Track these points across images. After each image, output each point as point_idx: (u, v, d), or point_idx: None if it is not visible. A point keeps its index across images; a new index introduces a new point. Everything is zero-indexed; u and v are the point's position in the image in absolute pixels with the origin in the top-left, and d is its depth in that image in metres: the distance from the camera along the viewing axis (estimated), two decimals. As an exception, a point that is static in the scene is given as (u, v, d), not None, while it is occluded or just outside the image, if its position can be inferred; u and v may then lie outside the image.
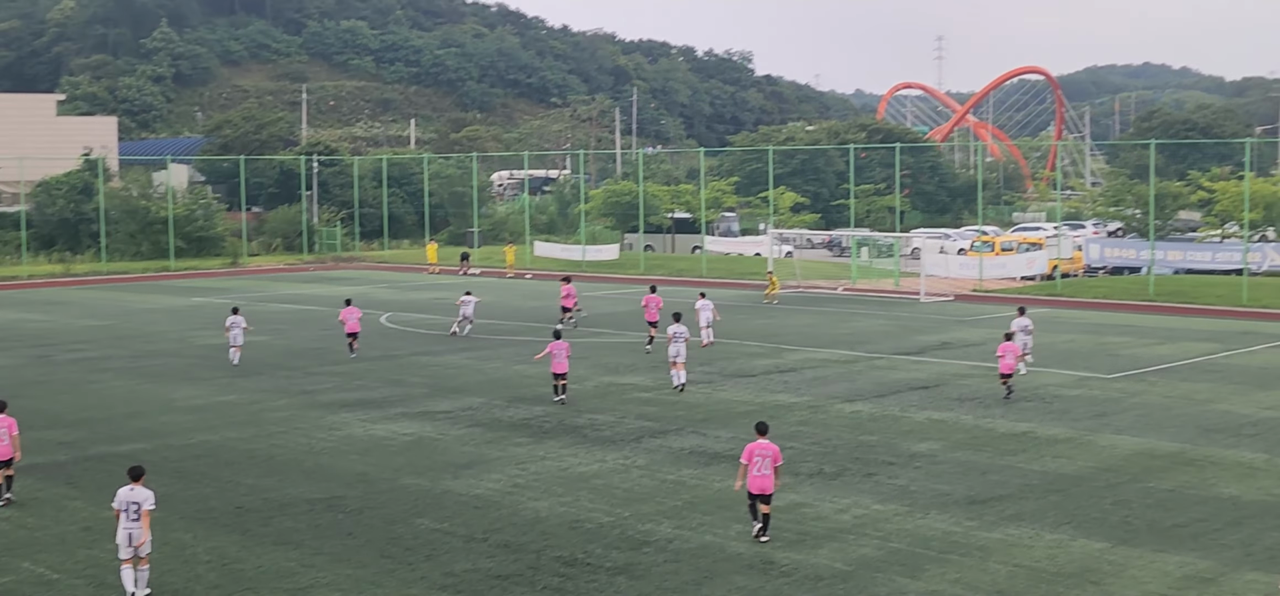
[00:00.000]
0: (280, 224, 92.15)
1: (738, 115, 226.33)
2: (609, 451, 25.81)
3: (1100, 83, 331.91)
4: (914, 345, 41.61)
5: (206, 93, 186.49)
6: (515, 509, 21.46)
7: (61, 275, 75.05)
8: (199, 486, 23.25)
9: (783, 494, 21.94)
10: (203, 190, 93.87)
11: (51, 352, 42.08)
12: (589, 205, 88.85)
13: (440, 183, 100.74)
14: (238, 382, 35.11)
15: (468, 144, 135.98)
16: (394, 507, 21.64)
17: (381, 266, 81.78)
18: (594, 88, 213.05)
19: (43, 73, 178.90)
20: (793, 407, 30.49)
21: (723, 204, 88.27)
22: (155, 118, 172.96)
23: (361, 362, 38.69)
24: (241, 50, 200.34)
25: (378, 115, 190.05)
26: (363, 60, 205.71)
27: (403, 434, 27.82)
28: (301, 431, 28.20)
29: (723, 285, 63.04)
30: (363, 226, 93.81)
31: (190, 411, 30.85)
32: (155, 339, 45.30)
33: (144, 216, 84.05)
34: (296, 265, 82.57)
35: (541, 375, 35.31)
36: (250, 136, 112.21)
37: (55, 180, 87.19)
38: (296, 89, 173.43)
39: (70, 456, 25.89)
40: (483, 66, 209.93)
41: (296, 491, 22.79)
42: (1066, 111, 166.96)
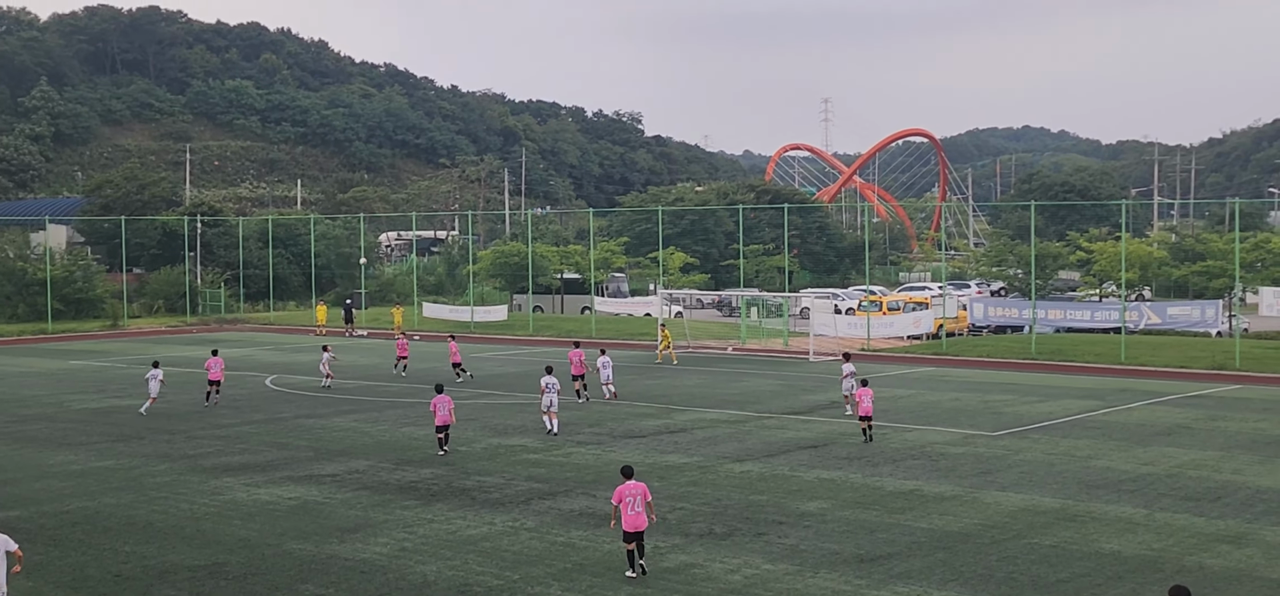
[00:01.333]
0: (163, 285, 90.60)
1: (627, 176, 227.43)
2: (497, 513, 25.58)
3: (982, 145, 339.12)
4: (804, 404, 41.89)
5: (87, 152, 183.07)
6: (402, 573, 21.15)
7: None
8: (76, 554, 22.61)
9: (674, 555, 21.92)
10: (82, 251, 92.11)
11: (-79, 418, 40.81)
12: (478, 266, 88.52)
13: (327, 244, 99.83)
14: (117, 447, 34.30)
15: (355, 205, 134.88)
16: (278, 574, 21.21)
17: (267, 328, 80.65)
18: (483, 148, 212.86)
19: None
20: (683, 468, 30.48)
21: (612, 264, 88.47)
22: (33, 177, 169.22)
23: (245, 425, 38.03)
24: (123, 109, 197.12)
25: (263, 175, 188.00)
26: (248, 120, 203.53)
27: (287, 498, 27.33)
28: (183, 496, 27.59)
29: (613, 345, 63.01)
30: (248, 287, 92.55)
31: (67, 477, 30.05)
32: (30, 403, 44.16)
33: (21, 278, 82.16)
34: (180, 327, 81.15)
35: (428, 438, 34.98)
36: (132, 196, 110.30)
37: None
38: (180, 149, 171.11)
39: (-61, 525, 25.05)
40: (370, 126, 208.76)
41: (177, 558, 22.25)
42: (950, 173, 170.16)
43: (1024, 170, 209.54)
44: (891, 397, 43.41)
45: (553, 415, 35.72)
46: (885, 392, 44.81)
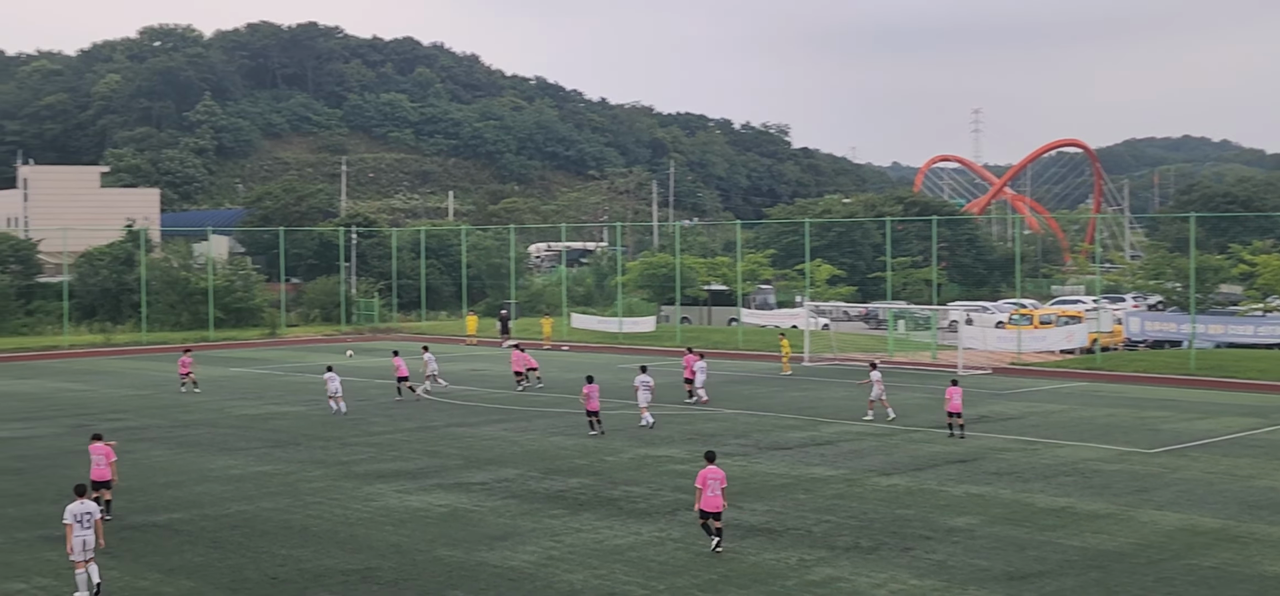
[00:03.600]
0: (319, 295, 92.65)
1: (774, 188, 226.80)
2: (644, 524, 25.70)
3: (1139, 155, 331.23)
4: (952, 418, 41.30)
5: (248, 165, 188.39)
6: (549, 582, 21.36)
7: (102, 345, 75.60)
8: (234, 556, 23.26)
9: (819, 568, 21.87)
10: (242, 261, 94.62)
11: (91, 422, 42.29)
12: (626, 277, 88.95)
13: (478, 254, 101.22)
14: (274, 453, 35.21)
15: (505, 216, 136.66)
16: (428, 580, 21.58)
17: (419, 337, 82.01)
18: (631, 160, 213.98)
19: (88, 145, 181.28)
20: (829, 480, 30.31)
21: (759, 276, 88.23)
22: (197, 189, 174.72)
23: (398, 433, 38.77)
24: (283, 123, 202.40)
25: (416, 187, 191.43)
26: (402, 132, 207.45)
27: (438, 505, 27.79)
28: (337, 502, 28.22)
29: (759, 357, 62.92)
30: (400, 297, 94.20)
31: (226, 481, 30.93)
32: (193, 409, 45.51)
33: (184, 287, 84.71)
34: (334, 336, 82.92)
35: (578, 447, 35.32)
36: (290, 208, 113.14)
37: (98, 251, 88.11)
38: (336, 161, 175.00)
39: (107, 526, 25.93)
40: (521, 139, 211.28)
41: (331, 562, 22.76)
42: (1105, 184, 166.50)
43: (1183, 181, 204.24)
44: (1043, 413, 42.64)
45: (646, 411, 39.21)
46: (1037, 407, 44.05)
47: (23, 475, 32.06)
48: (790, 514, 26.54)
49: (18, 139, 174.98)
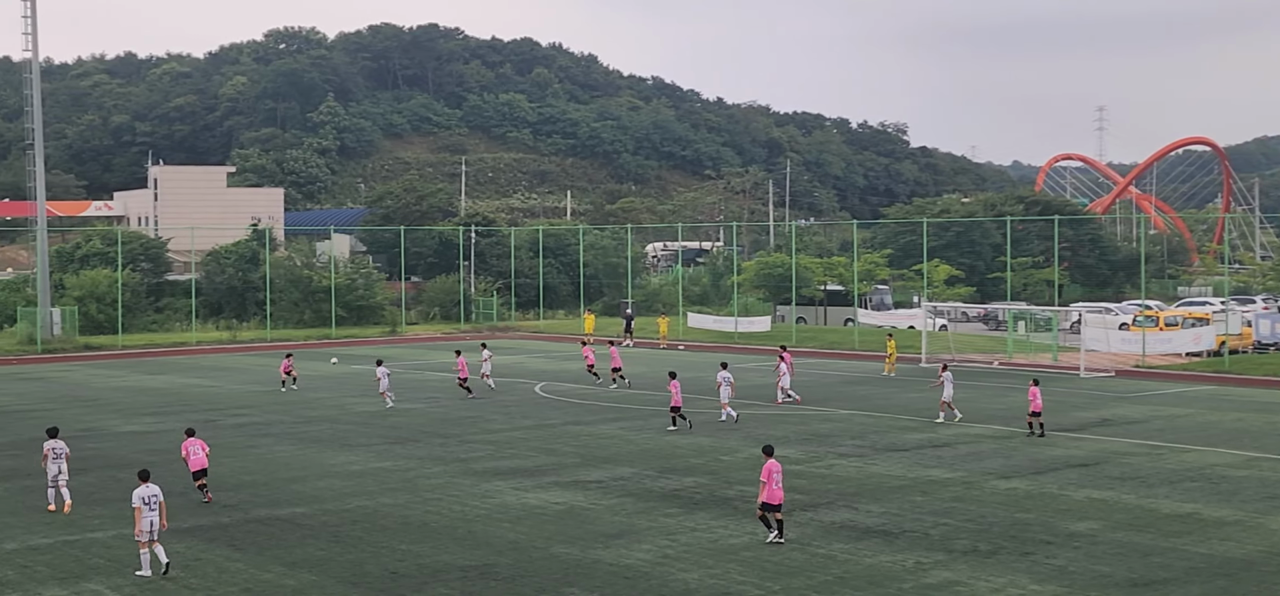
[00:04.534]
0: (438, 293, 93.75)
1: (892, 187, 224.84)
2: (759, 524, 25.64)
3: (1270, 154, 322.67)
4: (1073, 421, 40.69)
5: (369, 165, 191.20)
6: (664, 580, 21.42)
7: (228, 342, 77.26)
8: (355, 551, 23.66)
9: (937, 571, 21.71)
10: (364, 260, 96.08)
11: (217, 417, 43.28)
12: (742, 277, 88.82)
13: (595, 253, 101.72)
14: (394, 449, 35.73)
15: (622, 215, 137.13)
16: (545, 577, 21.76)
17: (536, 336, 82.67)
18: (748, 160, 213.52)
19: (215, 146, 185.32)
20: (946, 483, 30.01)
21: (876, 276, 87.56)
22: (320, 189, 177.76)
23: (515, 431, 39.13)
24: (404, 123, 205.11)
25: (534, 187, 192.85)
26: (521, 132, 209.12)
27: (554, 503, 28.00)
28: (455, 498, 28.56)
29: (876, 358, 62.44)
30: (519, 296, 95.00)
31: (347, 477, 31.44)
32: (315, 406, 46.33)
33: (307, 285, 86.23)
34: (453, 334, 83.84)
35: (692, 446, 35.38)
36: (411, 207, 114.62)
37: (224, 249, 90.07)
38: (456, 161, 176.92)
39: (233, 519, 26.54)
40: (638, 139, 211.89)
41: (450, 558, 23.04)
42: (1234, 183, 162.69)
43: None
44: (1168, 417, 41.81)
45: (727, 406, 40.39)
46: (1161, 411, 43.22)
47: (152, 469, 32.78)
48: (907, 516, 26.33)
49: (148, 140, 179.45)
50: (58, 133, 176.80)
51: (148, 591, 20.98)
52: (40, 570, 22.28)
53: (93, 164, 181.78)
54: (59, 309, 77.21)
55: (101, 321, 78.49)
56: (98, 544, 24.27)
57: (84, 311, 78.41)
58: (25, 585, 21.28)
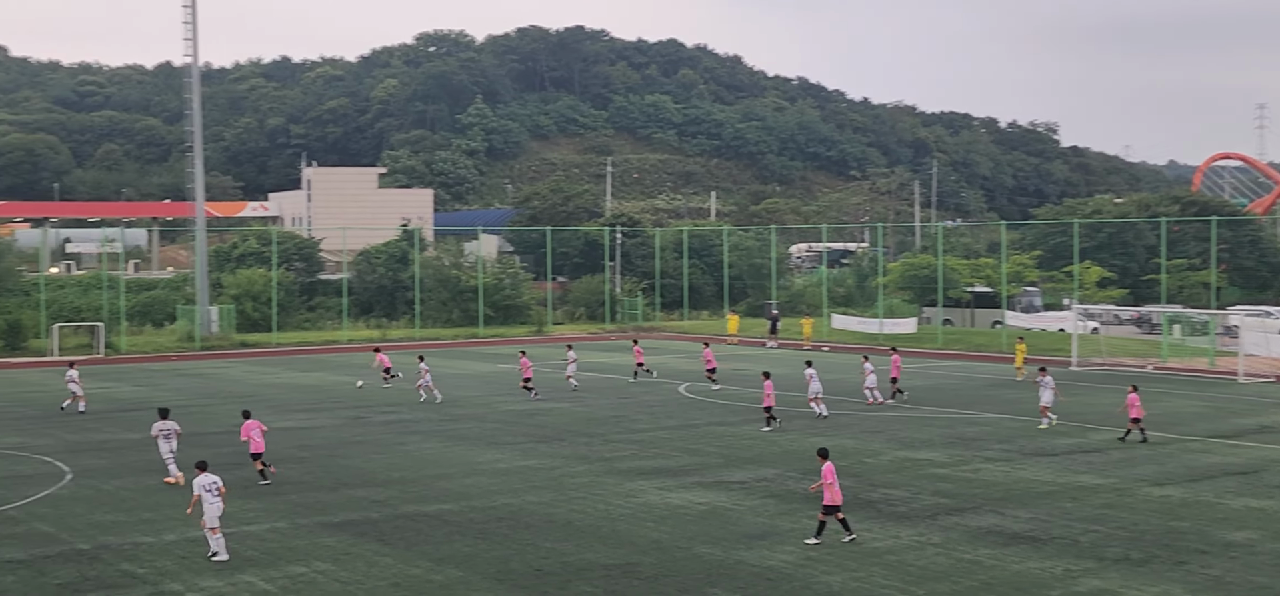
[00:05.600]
0: (584, 293, 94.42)
1: (1041, 187, 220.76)
2: (903, 527, 25.43)
3: None
4: (1230, 428, 39.59)
5: (516, 166, 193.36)
6: (807, 582, 21.35)
7: (378, 340, 78.68)
8: (500, 548, 23.96)
9: (1087, 579, 21.36)
10: (511, 260, 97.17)
11: (367, 414, 44.16)
12: (887, 278, 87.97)
13: (739, 254, 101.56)
14: (539, 448, 36.09)
15: (767, 216, 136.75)
16: (688, 576, 21.82)
17: (681, 336, 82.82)
18: (893, 160, 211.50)
19: (366, 147, 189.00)
20: (1097, 489, 29.40)
21: (1024, 278, 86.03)
22: (468, 190, 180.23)
23: (659, 431, 39.27)
24: (550, 125, 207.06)
25: (679, 187, 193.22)
26: (666, 134, 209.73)
27: (698, 503, 28.05)
28: (599, 497, 28.76)
29: (1027, 361, 61.35)
30: (663, 296, 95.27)
31: (494, 474, 31.85)
32: (463, 403, 46.98)
33: (455, 285, 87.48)
34: (599, 334, 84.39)
35: (835, 448, 35.12)
36: (557, 208, 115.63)
37: (375, 249, 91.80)
38: (602, 162, 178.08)
39: (382, 514, 27.06)
40: (783, 139, 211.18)
41: (594, 556, 23.23)
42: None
43: None
44: (1332, 424, 40.45)
45: (819, 401, 41.59)
46: (1325, 419, 41.84)
47: (304, 463, 33.66)
48: (1056, 522, 25.86)
49: (302, 142, 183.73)
50: (216, 135, 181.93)
51: (301, 585, 21.50)
52: (197, 561, 22.96)
53: (249, 165, 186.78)
54: (216, 307, 79.46)
55: (256, 319, 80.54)
56: (252, 536, 24.93)
57: (240, 309, 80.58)
58: (183, 575, 21.95)
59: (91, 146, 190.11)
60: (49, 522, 26.33)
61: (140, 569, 22.39)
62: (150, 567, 22.47)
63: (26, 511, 27.56)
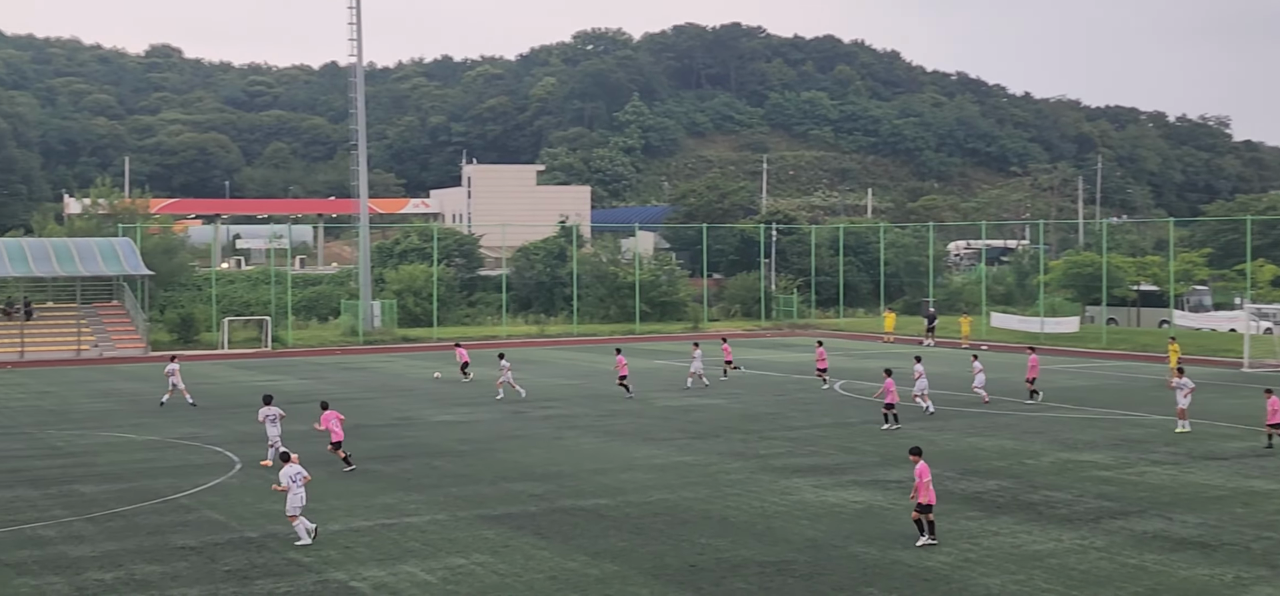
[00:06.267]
0: (739, 290, 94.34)
1: (1212, 183, 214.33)
2: (1065, 530, 24.94)
3: None
4: None
5: (673, 163, 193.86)
6: (965, 584, 21.06)
7: (536, 335, 79.62)
8: (656, 543, 24.08)
9: (1259, 587, 20.79)
10: (667, 257, 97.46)
11: (525, 408, 44.69)
12: (1048, 276, 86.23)
13: (896, 252, 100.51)
14: (695, 444, 36.16)
15: (924, 213, 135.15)
16: (843, 575, 21.69)
17: (836, 333, 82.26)
18: (1056, 155, 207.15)
19: (525, 145, 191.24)
20: (1270, 494, 28.48)
21: (1193, 277, 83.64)
22: (625, 187, 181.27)
23: (814, 429, 39.08)
24: (706, 121, 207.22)
25: (835, 184, 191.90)
26: (822, 130, 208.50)
27: (853, 502, 27.86)
28: (754, 494, 28.73)
29: (1193, 362, 59.71)
30: (819, 294, 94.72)
31: (650, 470, 32.00)
32: (619, 399, 47.26)
33: (612, 281, 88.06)
34: (754, 331, 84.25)
35: (996, 448, 34.63)
36: (713, 205, 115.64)
37: (533, 246, 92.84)
38: (757, 159, 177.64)
39: (540, 508, 27.38)
40: (941, 135, 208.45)
41: (748, 553, 23.21)
42: None
43: None
44: None
45: (925, 397, 42.18)
46: None
47: (464, 457, 34.19)
48: (1226, 528, 25.12)
49: (463, 139, 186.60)
50: (379, 133, 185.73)
51: (460, 577, 21.85)
52: (361, 550, 23.49)
53: (411, 163, 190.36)
54: (379, 302, 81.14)
55: (418, 314, 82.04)
56: (413, 528, 25.41)
57: (402, 304, 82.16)
58: (347, 565, 22.47)
59: (260, 145, 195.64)
60: (219, 511, 27.17)
61: (306, 558, 22.98)
62: (315, 556, 23.05)
63: (198, 499, 28.48)
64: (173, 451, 35.42)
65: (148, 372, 59.88)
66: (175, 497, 28.56)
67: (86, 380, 55.83)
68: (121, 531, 25.20)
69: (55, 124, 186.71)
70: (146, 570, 22.16)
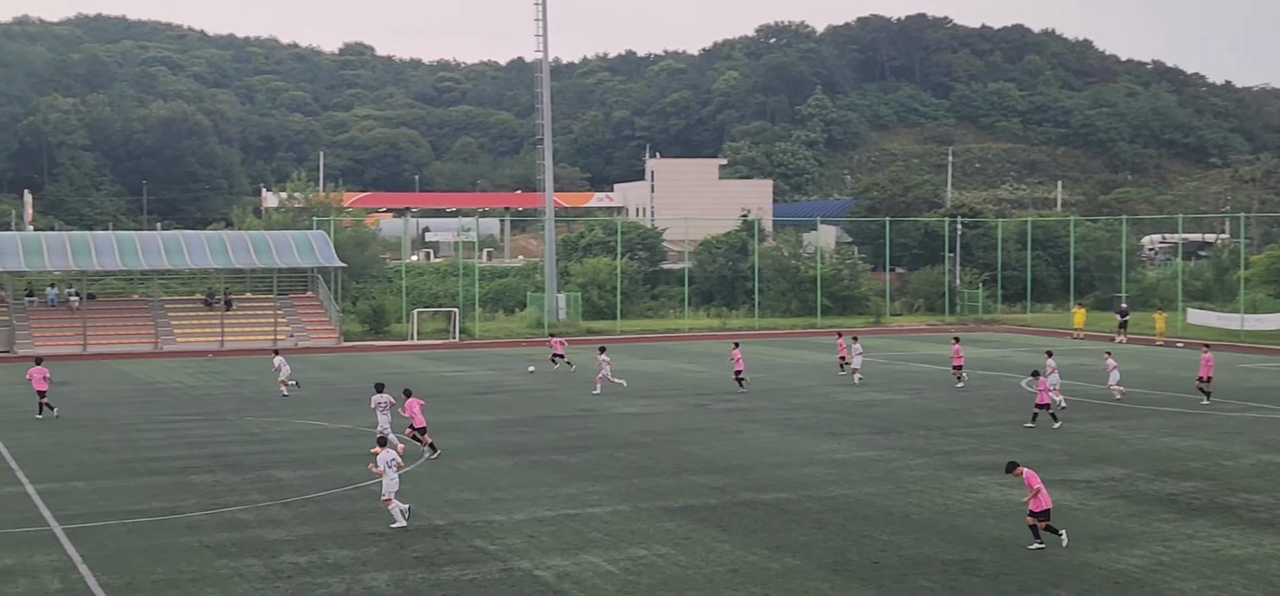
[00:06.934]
0: (923, 285, 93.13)
1: None
2: (1266, 534, 24.06)
3: None
4: None
5: (855, 156, 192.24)
6: (1159, 589, 20.47)
7: (718, 329, 79.68)
8: (837, 538, 23.92)
9: None
10: (849, 251, 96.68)
11: (707, 401, 44.79)
12: (1250, 272, 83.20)
13: (1087, 246, 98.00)
14: (876, 439, 35.82)
15: (1117, 206, 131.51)
16: (1030, 576, 21.26)
17: (1022, 329, 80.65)
18: (1258, 146, 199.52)
19: (707, 139, 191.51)
20: None
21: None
22: (807, 181, 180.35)
23: (1000, 425, 38.38)
24: (890, 114, 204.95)
25: (1023, 177, 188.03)
26: (1010, 122, 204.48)
27: (1041, 501, 27.25)
28: (938, 491, 28.34)
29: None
30: (1005, 289, 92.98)
31: (831, 465, 31.80)
32: (800, 393, 47.07)
33: (794, 275, 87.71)
34: (937, 326, 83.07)
35: (1192, 449, 33.60)
36: (896, 198, 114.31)
37: (716, 239, 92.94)
38: (942, 151, 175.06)
39: (721, 501, 27.41)
40: (1135, 126, 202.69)
41: (932, 551, 22.90)
42: None
43: None
44: None
45: (1056, 391, 40.47)
46: None
47: (646, 449, 34.41)
48: None
49: (646, 134, 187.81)
50: (564, 128, 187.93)
51: (642, 567, 22.00)
52: (545, 540, 23.81)
53: (595, 157, 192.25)
54: (564, 294, 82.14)
55: (601, 307, 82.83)
56: (597, 518, 25.66)
57: (586, 297, 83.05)
58: (531, 554, 22.80)
59: (449, 140, 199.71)
60: (408, 499, 27.81)
61: (491, 546, 23.39)
62: (500, 545, 23.44)
63: (388, 486, 29.19)
64: (364, 439, 36.35)
65: (341, 362, 61.65)
66: (366, 484, 29.31)
67: (282, 369, 57.64)
68: (315, 516, 25.98)
69: (254, 120, 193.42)
70: (339, 554, 22.80)
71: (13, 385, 50.71)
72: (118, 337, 69.56)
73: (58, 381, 48.32)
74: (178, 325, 71.72)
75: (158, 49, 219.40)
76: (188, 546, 23.53)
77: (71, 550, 23.26)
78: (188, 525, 25.32)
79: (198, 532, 24.59)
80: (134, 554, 22.97)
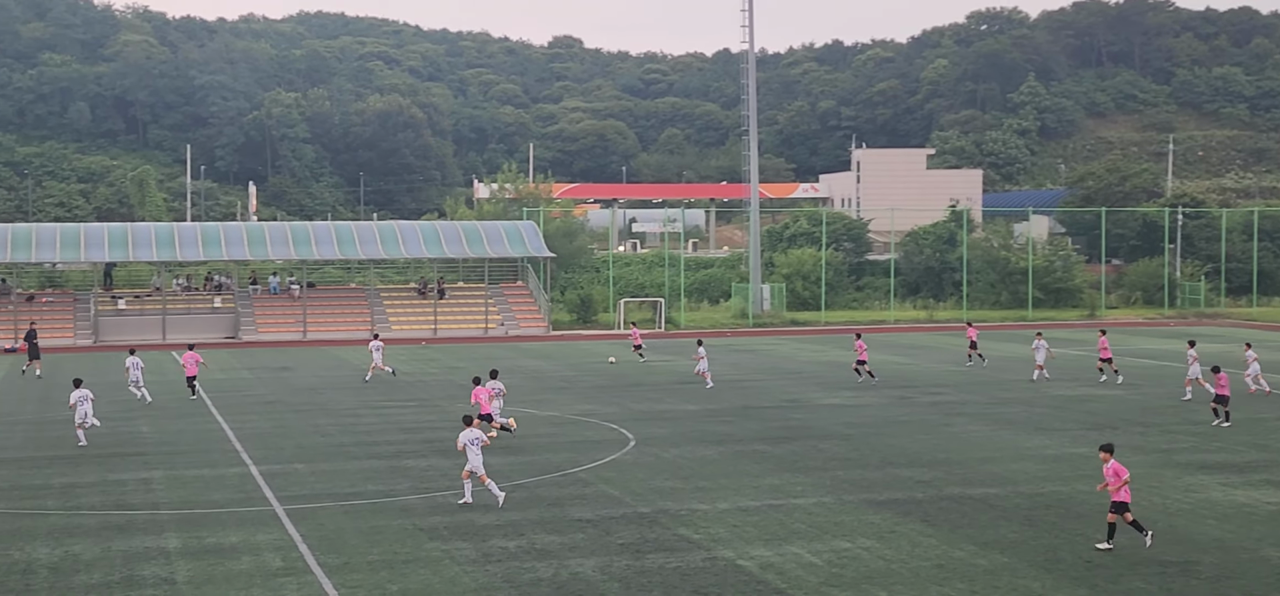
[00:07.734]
0: (1140, 277, 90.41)
1: None
2: None
3: None
4: None
5: (1070, 145, 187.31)
6: (1394, 597, 19.47)
7: (924, 321, 78.61)
8: (1048, 536, 23.35)
9: None
10: (1063, 241, 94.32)
11: (912, 394, 44.19)
12: None
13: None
14: (1090, 436, 34.82)
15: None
16: (1253, 580, 20.43)
17: (1248, 324, 77.60)
18: None
19: (915, 128, 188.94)
20: None
21: None
22: (1019, 170, 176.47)
23: (1223, 423, 36.96)
24: (1107, 101, 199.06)
25: (1250, 166, 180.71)
26: (1236, 108, 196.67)
27: (1267, 502, 26.19)
28: (1156, 490, 27.44)
29: None
30: (1229, 282, 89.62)
31: (1042, 461, 31.05)
32: (1009, 386, 46.10)
33: (1004, 266, 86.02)
34: (1155, 320, 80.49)
35: None
36: (1113, 188, 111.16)
37: (923, 230, 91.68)
38: (1163, 140, 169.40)
39: (927, 494, 27.02)
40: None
41: (1149, 551, 22.17)
42: None
43: None
44: None
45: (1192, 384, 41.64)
46: None
47: (851, 441, 34.11)
48: None
49: (852, 124, 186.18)
50: (770, 119, 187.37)
51: (846, 560, 21.81)
52: (748, 530, 23.79)
53: (800, 148, 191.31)
54: (768, 285, 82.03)
55: (806, 298, 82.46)
56: (800, 509, 25.54)
57: (791, 288, 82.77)
58: (734, 543, 22.80)
59: (655, 131, 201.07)
60: (614, 486, 28.09)
61: (695, 534, 23.47)
62: (705, 534, 23.51)
63: (594, 474, 29.52)
64: (572, 427, 36.85)
65: (550, 351, 62.63)
66: (573, 471, 29.70)
67: (492, 357, 58.75)
68: (523, 502, 26.42)
69: (466, 113, 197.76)
70: (546, 540, 23.15)
71: (238, 371, 52.83)
72: (336, 325, 71.89)
73: (278, 366, 50.16)
74: (392, 313, 73.79)
75: (375, 44, 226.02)
76: (402, 529, 24.17)
77: (292, 530, 24.12)
78: (402, 508, 26.02)
79: (411, 515, 25.24)
80: (351, 534, 23.69)
